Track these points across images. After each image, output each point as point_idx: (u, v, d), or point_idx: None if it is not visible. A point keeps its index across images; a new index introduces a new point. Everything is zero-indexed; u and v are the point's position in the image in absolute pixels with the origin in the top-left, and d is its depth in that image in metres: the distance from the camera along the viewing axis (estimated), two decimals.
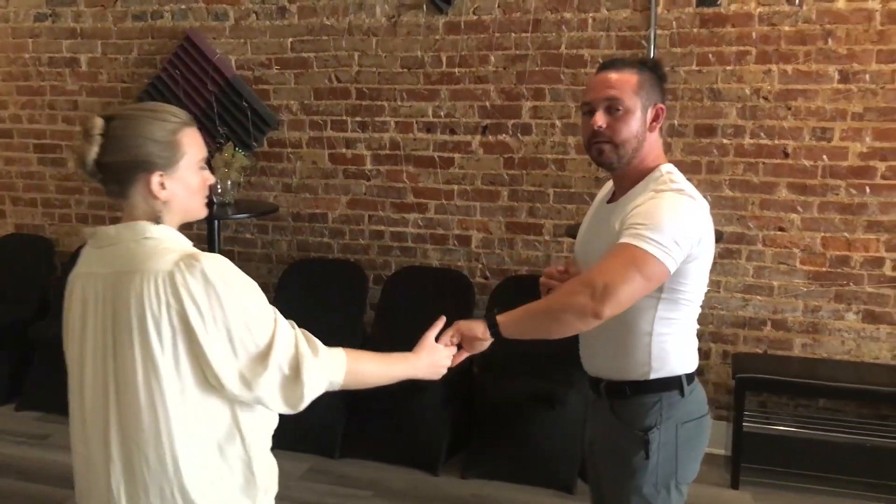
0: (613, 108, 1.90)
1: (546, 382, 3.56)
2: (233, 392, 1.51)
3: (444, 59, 3.99)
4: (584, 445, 2.23)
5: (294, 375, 1.53)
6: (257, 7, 4.25)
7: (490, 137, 3.99)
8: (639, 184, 1.94)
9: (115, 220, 1.61)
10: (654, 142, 1.96)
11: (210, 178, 1.66)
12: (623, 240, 1.81)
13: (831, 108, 3.53)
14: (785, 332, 3.75)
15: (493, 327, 1.89)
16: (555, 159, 3.91)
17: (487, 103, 3.96)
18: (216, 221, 4.10)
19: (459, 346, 1.94)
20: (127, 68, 4.55)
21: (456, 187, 4.09)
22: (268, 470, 1.64)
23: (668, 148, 3.58)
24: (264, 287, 4.73)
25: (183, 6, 4.38)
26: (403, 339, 1.94)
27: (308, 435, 3.84)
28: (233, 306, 1.50)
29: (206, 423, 1.53)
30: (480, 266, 4.09)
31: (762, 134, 3.62)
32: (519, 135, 3.94)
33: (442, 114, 4.02)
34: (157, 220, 1.57)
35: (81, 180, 4.64)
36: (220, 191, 4.09)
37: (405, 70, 4.06)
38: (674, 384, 1.95)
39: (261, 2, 4.24)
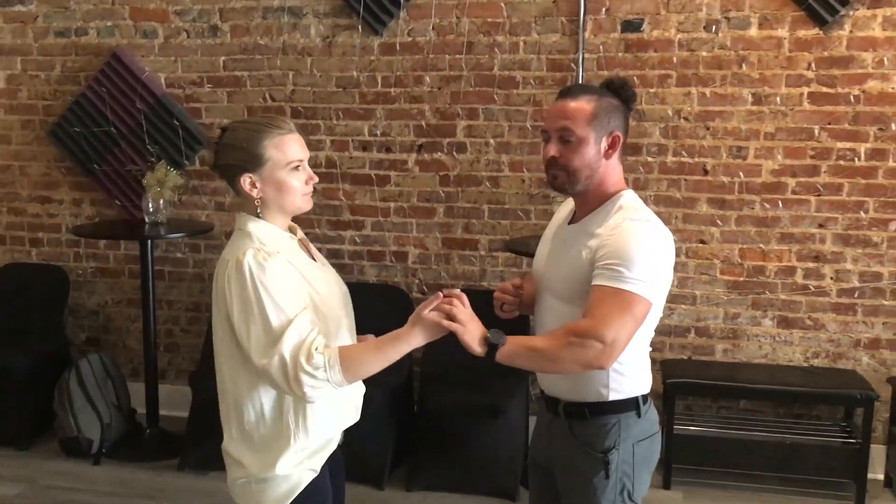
0: (565, 139, 1.94)
1: (487, 394, 3.67)
2: (246, 352, 1.84)
3: (379, 79, 4.07)
4: (529, 456, 2.28)
5: (294, 371, 1.79)
6: (188, 25, 4.23)
7: (426, 156, 4.08)
8: (599, 208, 1.99)
9: (35, 242, 1.77)
10: (611, 168, 2.00)
11: (310, 178, 1.96)
12: (606, 283, 1.85)
13: (746, 128, 3.78)
14: (707, 339, 3.98)
15: (493, 350, 1.87)
16: (489, 177, 4.03)
17: (423, 122, 4.06)
18: (149, 241, 4.05)
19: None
20: (49, 85, 4.44)
21: (392, 204, 4.16)
22: (307, 421, 1.92)
23: None
24: (197, 306, 4.68)
25: (109, 23, 4.31)
26: None
27: None
28: (256, 298, 1.81)
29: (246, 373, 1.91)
30: (417, 281, 4.17)
31: (683, 152, 3.85)
32: (454, 153, 4.05)
33: (378, 132, 4.10)
34: (257, 214, 1.92)
35: None
36: (151, 210, 4.05)
37: (340, 89, 4.11)
38: (631, 405, 2.01)
39: (192, 20, 4.22)
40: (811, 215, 3.78)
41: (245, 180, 1.91)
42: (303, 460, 1.94)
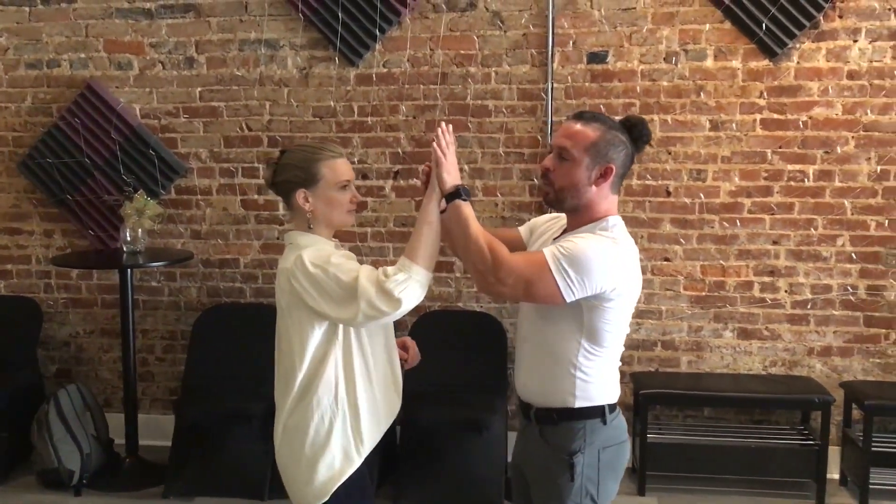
0: (562, 156, 2.06)
1: (469, 409, 3.80)
2: (339, 317, 2.07)
3: (356, 109, 4.20)
4: (510, 467, 2.41)
5: (379, 290, 2.02)
6: (163, 57, 4.30)
7: (402, 182, 4.22)
8: (584, 227, 2.09)
9: (3, 274, 1.84)
10: (601, 196, 2.08)
11: (354, 197, 2.21)
12: (544, 249, 2.01)
13: (705, 152, 4.04)
14: (673, 351, 4.20)
15: (454, 197, 2.06)
16: None
17: (399, 150, 4.20)
18: (128, 270, 4.08)
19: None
20: (19, 117, 4.44)
21: (369, 230, 4.29)
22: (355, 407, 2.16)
23: None
24: (173, 334, 4.69)
25: (83, 55, 4.34)
26: None
27: (236, 480, 3.88)
28: (324, 272, 2.07)
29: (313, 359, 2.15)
30: None
31: (648, 176, 4.08)
32: None
33: (355, 160, 4.22)
34: (308, 227, 2.19)
35: None
36: (129, 239, 4.08)
37: (317, 119, 4.23)
38: (596, 413, 2.10)
39: (168, 52, 4.29)
40: (766, 233, 4.05)
41: (300, 195, 2.18)
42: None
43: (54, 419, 4.00)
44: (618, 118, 2.14)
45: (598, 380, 2.11)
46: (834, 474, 4.04)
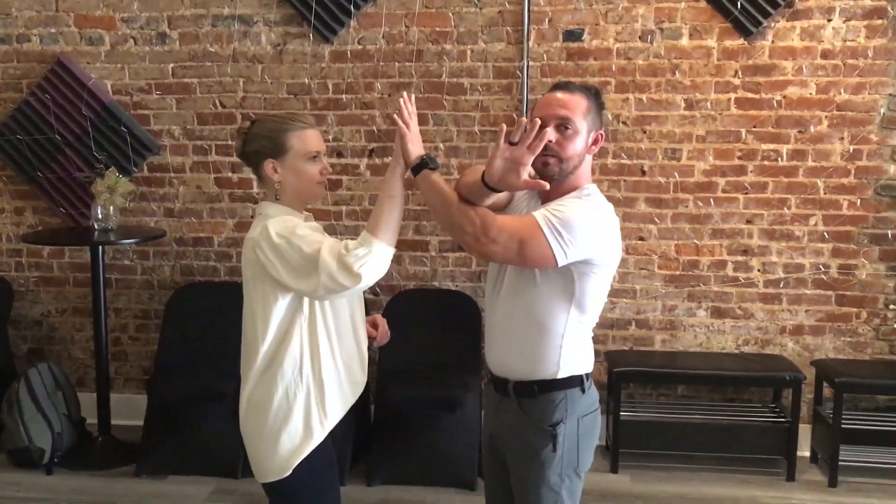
0: (563, 127, 2.04)
1: (443, 387, 3.80)
2: (300, 289, 2.06)
3: (330, 86, 4.17)
4: (483, 443, 2.40)
5: (339, 264, 2.00)
6: (135, 33, 4.24)
7: (377, 160, 4.20)
8: (568, 195, 2.12)
9: None
10: (588, 164, 2.14)
11: (324, 169, 2.19)
12: (534, 213, 2.01)
13: (679, 131, 4.04)
14: (647, 330, 4.21)
15: (421, 167, 2.06)
16: None
17: (374, 128, 4.18)
18: (100, 247, 4.04)
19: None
20: None
21: (344, 208, 4.27)
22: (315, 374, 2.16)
23: None
24: (146, 313, 4.66)
25: (53, 30, 4.28)
26: None
27: (209, 458, 3.87)
28: (287, 242, 2.05)
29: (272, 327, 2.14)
30: None
31: (623, 154, 4.09)
32: None
33: (329, 138, 4.19)
34: (276, 198, 2.17)
35: None
36: (101, 217, 4.04)
37: (292, 96, 4.20)
38: (576, 382, 2.13)
39: (139, 28, 4.23)
40: (740, 212, 4.07)
41: (268, 166, 2.16)
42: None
43: (25, 398, 3.97)
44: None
45: (580, 349, 2.14)
46: (805, 451, 4.08)
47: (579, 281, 2.05)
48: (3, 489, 3.78)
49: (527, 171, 1.94)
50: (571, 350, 2.12)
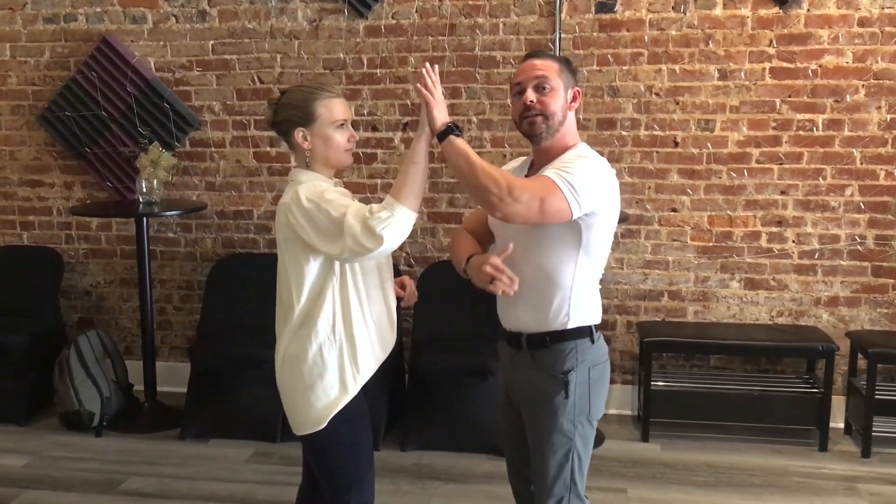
0: (541, 87, 2.19)
1: (475, 356, 3.87)
2: (328, 251, 2.14)
3: (365, 61, 4.24)
4: (499, 408, 2.49)
5: (363, 227, 2.08)
6: (177, 11, 4.36)
7: (411, 133, 4.26)
8: (563, 155, 2.22)
9: (26, 225, 1.83)
10: (572, 121, 2.26)
11: (351, 137, 2.27)
12: (545, 173, 2.12)
13: (713, 102, 4.03)
14: (679, 302, 4.23)
15: (448, 133, 2.14)
16: None
17: (408, 101, 4.24)
18: (144, 219, 4.19)
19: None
20: (38, 71, 4.53)
21: (379, 181, 4.34)
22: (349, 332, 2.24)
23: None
24: (189, 284, 4.80)
25: (98, 9, 4.42)
26: None
27: (249, 423, 4.01)
28: (317, 207, 2.14)
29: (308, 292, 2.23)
30: (405, 254, 4.36)
31: (655, 126, 4.09)
32: None
33: (364, 112, 4.27)
34: (306, 165, 2.27)
35: None
36: (145, 190, 4.19)
37: (327, 71, 4.28)
38: (585, 332, 2.24)
39: (180, 6, 4.35)
40: (774, 183, 4.05)
41: (298, 134, 2.25)
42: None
43: (75, 363, 4.15)
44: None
45: (587, 300, 2.25)
46: (839, 423, 4.07)
47: (586, 232, 2.16)
48: (56, 450, 3.96)
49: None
50: (580, 301, 2.22)
